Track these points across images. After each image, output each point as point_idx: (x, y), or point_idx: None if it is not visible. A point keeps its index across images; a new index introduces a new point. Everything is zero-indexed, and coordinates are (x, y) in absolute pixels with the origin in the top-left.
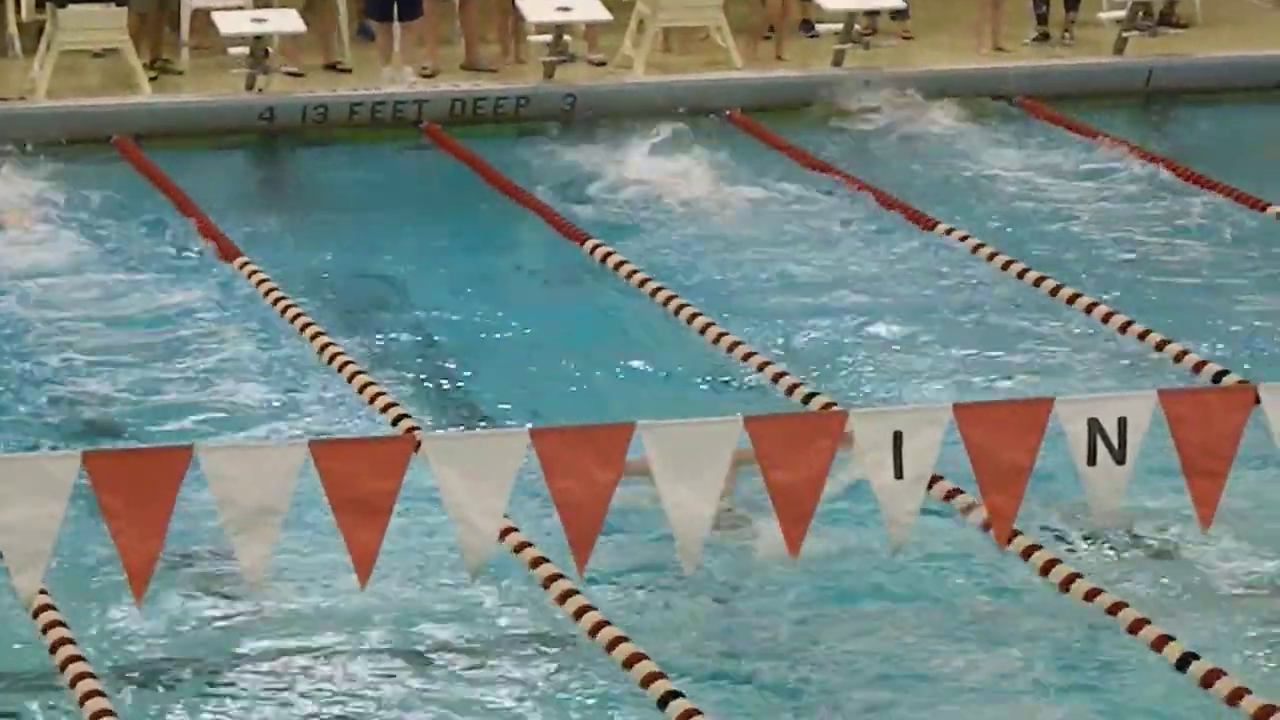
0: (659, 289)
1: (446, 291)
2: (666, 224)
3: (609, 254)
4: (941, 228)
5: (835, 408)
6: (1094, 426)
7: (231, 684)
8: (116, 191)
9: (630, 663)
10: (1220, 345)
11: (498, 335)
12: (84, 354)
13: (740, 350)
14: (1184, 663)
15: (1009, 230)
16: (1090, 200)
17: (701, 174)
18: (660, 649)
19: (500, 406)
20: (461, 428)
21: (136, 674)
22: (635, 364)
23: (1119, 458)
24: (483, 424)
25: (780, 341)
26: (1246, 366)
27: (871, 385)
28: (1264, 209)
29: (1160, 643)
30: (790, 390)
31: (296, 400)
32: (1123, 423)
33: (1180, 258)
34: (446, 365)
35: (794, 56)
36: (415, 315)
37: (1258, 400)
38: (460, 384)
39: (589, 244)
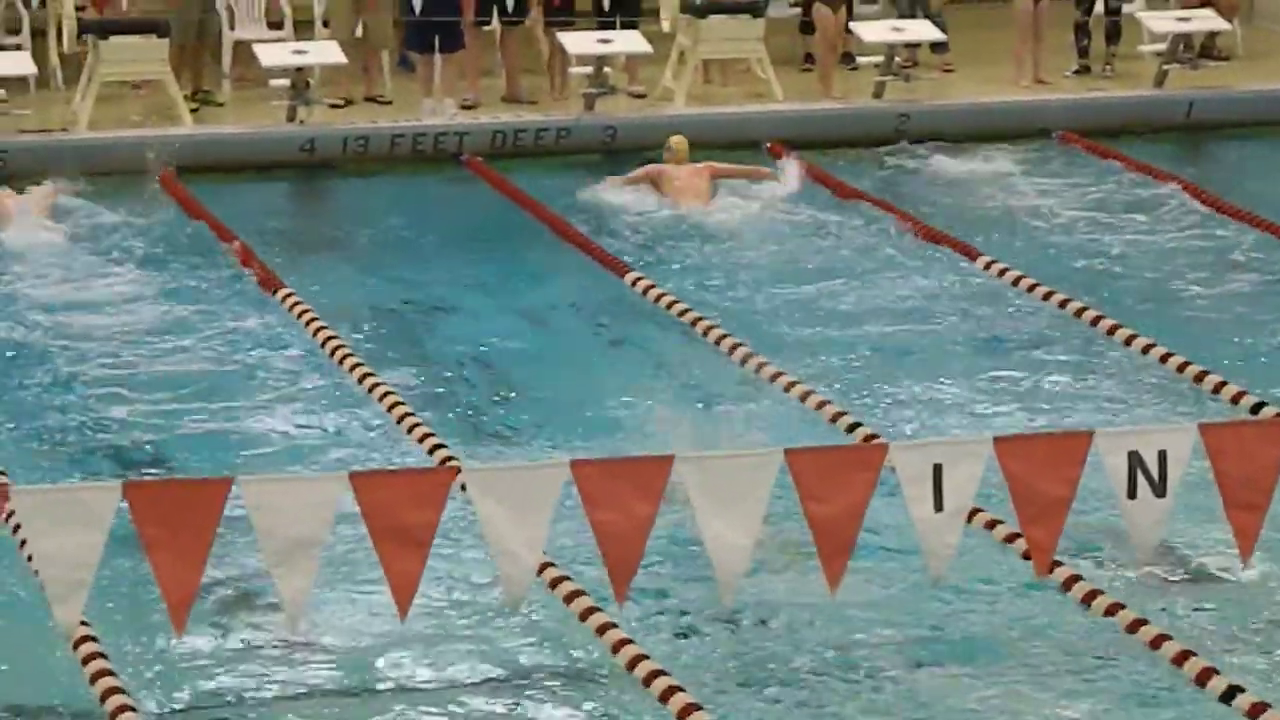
0: (699, 320)
1: (487, 324)
2: (708, 256)
3: (650, 286)
4: (983, 259)
5: (877, 440)
6: (1134, 459)
7: (271, 717)
8: (158, 223)
9: (666, 696)
10: (1259, 378)
11: (539, 367)
12: (125, 385)
13: (782, 380)
14: (1229, 696)
15: (1048, 261)
16: (1129, 232)
17: (744, 205)
18: (697, 680)
19: (541, 438)
20: (502, 459)
21: (178, 706)
22: (676, 396)
23: (1159, 491)
24: (523, 456)
25: (822, 372)
26: None
27: (912, 416)
28: None
29: (1205, 675)
30: (834, 419)
31: (337, 431)
32: (1163, 455)
33: (1218, 290)
34: (487, 397)
35: (835, 88)
36: (455, 347)
37: None
38: (500, 415)
39: (630, 276)
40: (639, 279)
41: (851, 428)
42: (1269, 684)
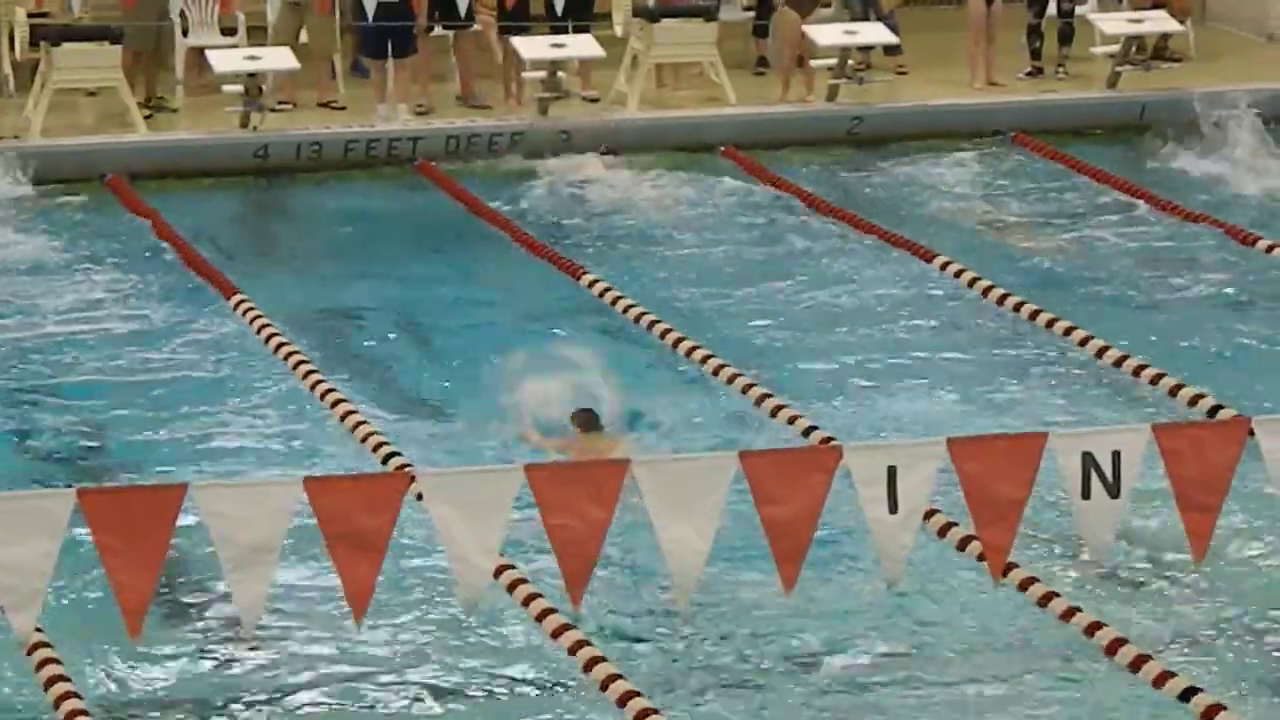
0: (654, 323)
1: (442, 328)
2: (661, 258)
3: (606, 289)
4: (939, 261)
5: (832, 442)
6: (1088, 460)
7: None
8: (110, 230)
9: (624, 700)
10: (1215, 379)
11: (493, 370)
12: (77, 392)
13: (739, 383)
14: (1186, 697)
15: (1002, 263)
16: (1083, 234)
17: (696, 209)
18: (653, 684)
19: (496, 441)
20: (457, 464)
21: (132, 711)
22: (632, 398)
23: (1113, 491)
24: (479, 460)
25: (777, 374)
26: (1245, 402)
27: (868, 419)
28: (1254, 243)
29: (1162, 678)
30: (790, 423)
31: (291, 437)
32: (1117, 456)
33: (1175, 293)
34: (442, 400)
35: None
36: (410, 352)
37: (1252, 433)
38: (455, 419)
39: (585, 278)
40: (594, 281)
41: (807, 431)
42: (1225, 685)
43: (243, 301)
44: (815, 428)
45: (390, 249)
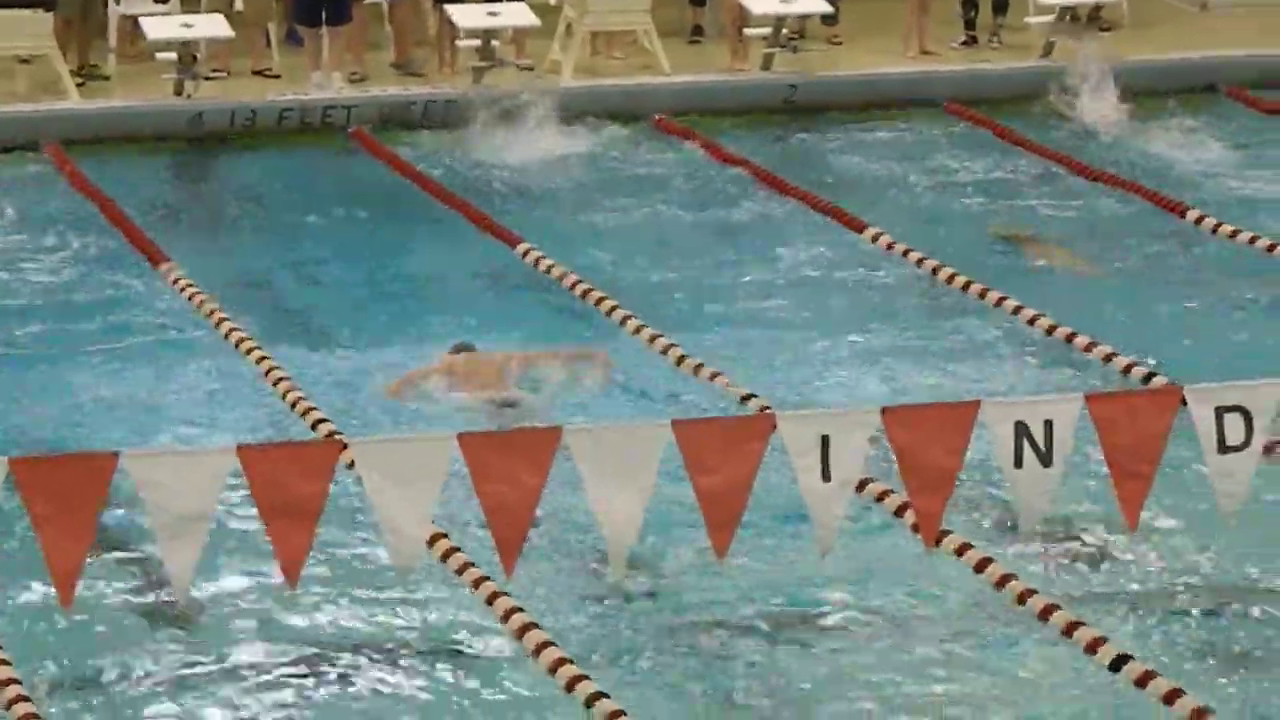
0: (589, 290)
1: (376, 295)
2: (597, 226)
3: (540, 257)
4: (871, 231)
5: (767, 410)
6: (1020, 429)
7: (158, 689)
8: (43, 198)
9: (555, 667)
10: (1147, 348)
11: (428, 338)
12: (8, 360)
13: (674, 353)
14: (1117, 665)
15: (936, 234)
16: (1017, 203)
17: (631, 178)
18: (586, 652)
19: (428, 411)
20: (389, 433)
21: (66, 680)
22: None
23: (1046, 460)
24: (411, 430)
25: (712, 344)
26: (1176, 371)
27: (802, 387)
28: (1183, 214)
29: (1095, 644)
30: (726, 390)
31: (223, 405)
32: (1049, 425)
33: (1106, 261)
34: (376, 368)
35: (723, 60)
36: (344, 320)
37: (1184, 402)
38: (375, 388)
39: (520, 247)
40: (529, 249)
41: (745, 399)
42: (1156, 652)
43: (175, 269)
44: (752, 395)
45: (324, 216)
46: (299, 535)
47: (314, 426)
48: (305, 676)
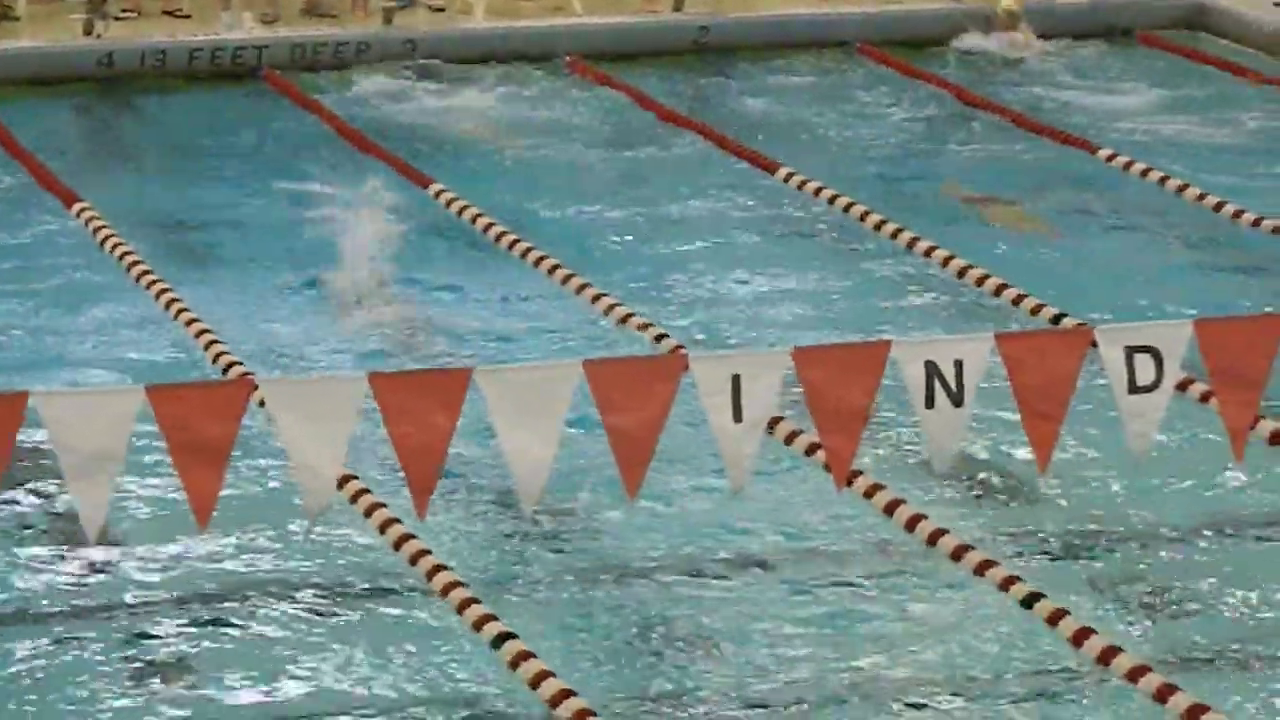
0: (502, 233)
1: (287, 236)
2: (509, 168)
3: (452, 198)
4: (783, 171)
5: (680, 350)
6: (931, 369)
7: (73, 632)
8: None
9: (463, 607)
10: (1061, 290)
11: (340, 278)
12: None
13: (588, 293)
14: (1029, 602)
15: (848, 175)
16: (928, 145)
17: (543, 119)
18: (495, 592)
19: (340, 349)
20: (300, 375)
21: None
22: (478, 308)
23: (957, 400)
24: (323, 372)
25: (625, 284)
26: (1093, 315)
27: (713, 328)
28: (1094, 151)
29: (1008, 583)
30: (641, 329)
31: (133, 345)
32: (959, 365)
33: (1021, 204)
34: (284, 310)
35: (634, 1)
36: (255, 260)
37: (1094, 343)
38: (299, 328)
39: (432, 188)
40: (441, 190)
41: (658, 338)
42: (1067, 590)
43: (85, 209)
44: (665, 335)
45: (235, 158)
46: (209, 476)
47: (226, 370)
48: (213, 618)
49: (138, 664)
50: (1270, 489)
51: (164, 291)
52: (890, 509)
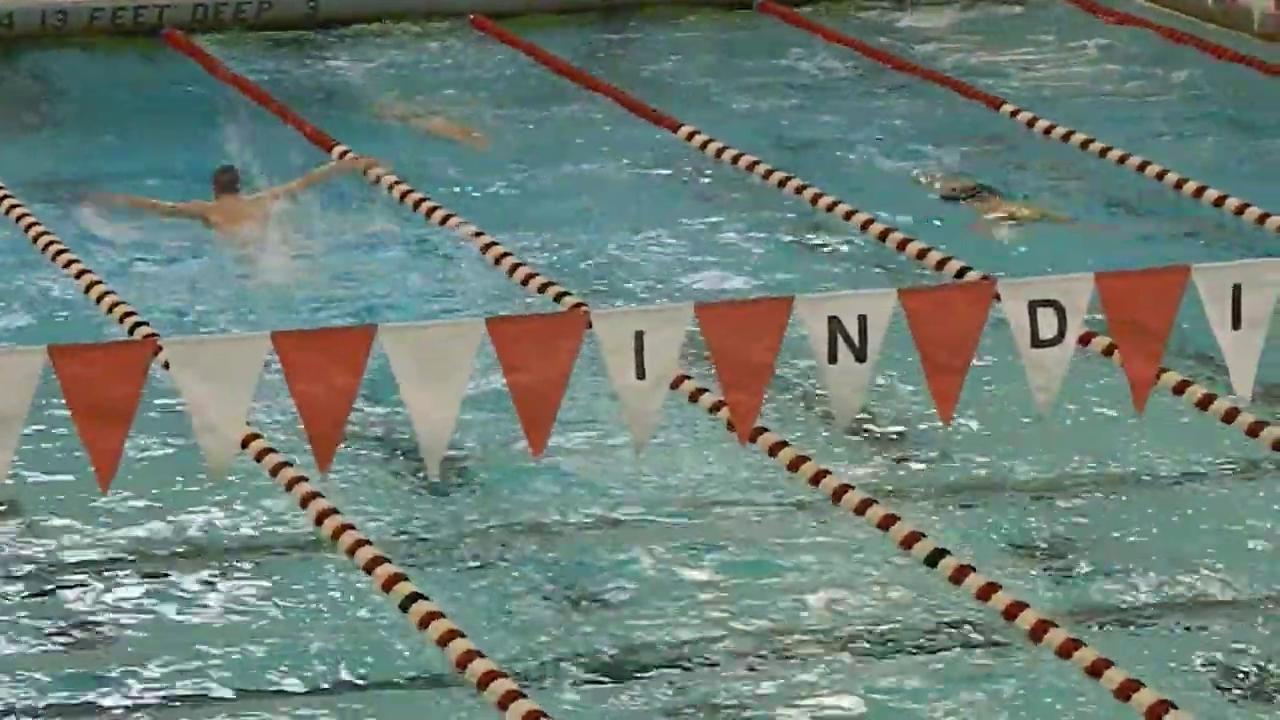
0: (408, 191)
1: (188, 197)
2: (412, 126)
3: (356, 158)
4: (685, 129)
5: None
6: (834, 324)
7: None
8: None
9: (370, 566)
10: (967, 245)
11: (240, 239)
12: None
13: (493, 252)
14: (934, 559)
15: (748, 130)
16: (832, 101)
17: (446, 77)
18: (402, 551)
19: (243, 309)
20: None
21: None
22: (384, 267)
23: (860, 355)
24: (225, 330)
25: (528, 242)
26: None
27: (617, 285)
28: (998, 107)
29: (911, 539)
30: (542, 289)
31: (34, 307)
32: (863, 320)
33: (924, 160)
34: (185, 271)
35: None
36: (156, 224)
37: (998, 297)
38: (201, 290)
39: (337, 149)
40: (345, 150)
41: (559, 296)
42: (970, 544)
43: None
44: (567, 293)
45: (137, 119)
46: (111, 437)
47: (131, 331)
48: (119, 580)
49: (42, 626)
50: (1171, 442)
51: (62, 252)
52: (794, 465)
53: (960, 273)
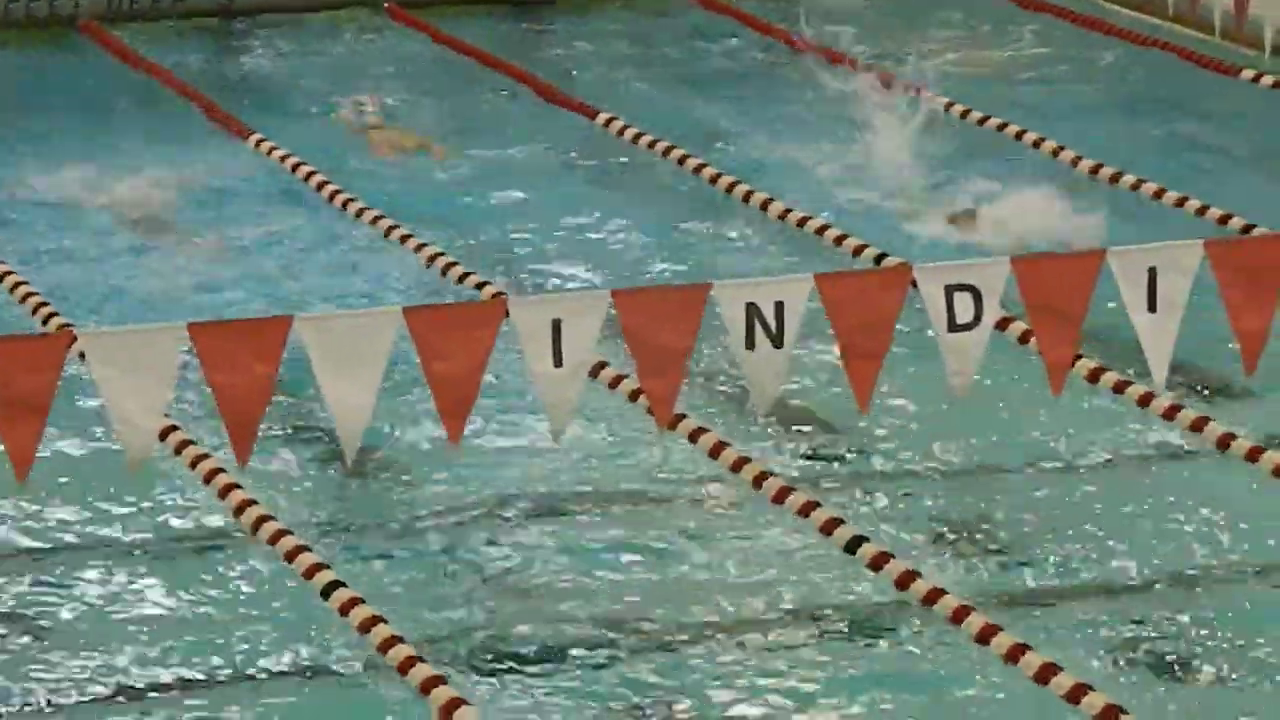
0: (324, 183)
1: (103, 191)
2: (326, 118)
3: (272, 147)
4: (603, 116)
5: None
6: (752, 311)
7: None
8: None
9: (292, 556)
10: (883, 232)
11: (158, 232)
12: None
13: (411, 243)
14: (853, 546)
15: (669, 116)
16: (747, 89)
17: (360, 67)
18: (322, 540)
19: (164, 304)
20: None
21: None
22: (299, 256)
23: (777, 342)
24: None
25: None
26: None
27: (535, 273)
28: (917, 93)
29: (831, 525)
30: (461, 280)
31: None
32: (780, 306)
33: (841, 143)
34: (104, 265)
35: None
36: (70, 215)
37: (914, 283)
38: (116, 282)
39: (252, 138)
40: (261, 140)
41: (479, 286)
42: (893, 534)
43: None
44: (486, 283)
45: (51, 113)
46: (27, 430)
47: (45, 322)
48: (40, 577)
49: None
50: (1088, 427)
51: None
52: (714, 452)
53: (879, 259)
